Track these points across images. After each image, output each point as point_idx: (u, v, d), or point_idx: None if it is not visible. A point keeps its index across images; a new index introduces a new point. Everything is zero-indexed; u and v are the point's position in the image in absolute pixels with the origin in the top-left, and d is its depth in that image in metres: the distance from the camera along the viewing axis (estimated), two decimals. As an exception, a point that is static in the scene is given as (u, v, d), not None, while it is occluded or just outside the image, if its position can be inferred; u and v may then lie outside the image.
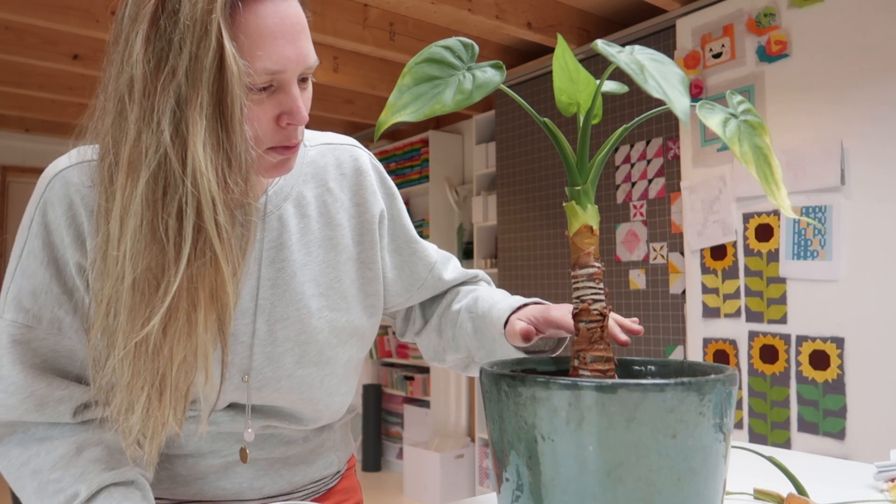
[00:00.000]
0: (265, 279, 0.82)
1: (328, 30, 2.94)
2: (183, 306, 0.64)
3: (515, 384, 0.53)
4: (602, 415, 0.49)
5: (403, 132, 4.88)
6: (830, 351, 2.14)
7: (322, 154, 0.89)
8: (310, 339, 0.83)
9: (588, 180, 0.60)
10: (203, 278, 0.65)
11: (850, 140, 2.13)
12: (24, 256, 0.75)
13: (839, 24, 2.17)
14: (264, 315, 0.81)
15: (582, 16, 3.16)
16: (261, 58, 0.66)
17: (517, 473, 0.54)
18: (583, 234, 0.60)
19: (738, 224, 2.40)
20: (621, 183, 2.92)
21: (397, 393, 4.54)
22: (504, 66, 0.56)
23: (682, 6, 2.69)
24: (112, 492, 0.71)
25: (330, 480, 0.97)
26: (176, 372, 0.66)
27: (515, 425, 0.53)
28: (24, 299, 0.74)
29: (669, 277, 2.73)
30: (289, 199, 0.84)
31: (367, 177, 0.90)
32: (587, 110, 0.59)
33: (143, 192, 0.63)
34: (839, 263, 2.13)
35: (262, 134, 0.69)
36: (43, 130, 4.72)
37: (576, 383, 0.49)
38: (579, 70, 0.57)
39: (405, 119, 0.54)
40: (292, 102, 0.69)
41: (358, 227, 0.89)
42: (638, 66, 0.50)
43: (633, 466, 0.49)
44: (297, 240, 0.84)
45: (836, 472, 1.03)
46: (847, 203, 2.12)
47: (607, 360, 0.59)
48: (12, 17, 2.65)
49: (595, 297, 0.59)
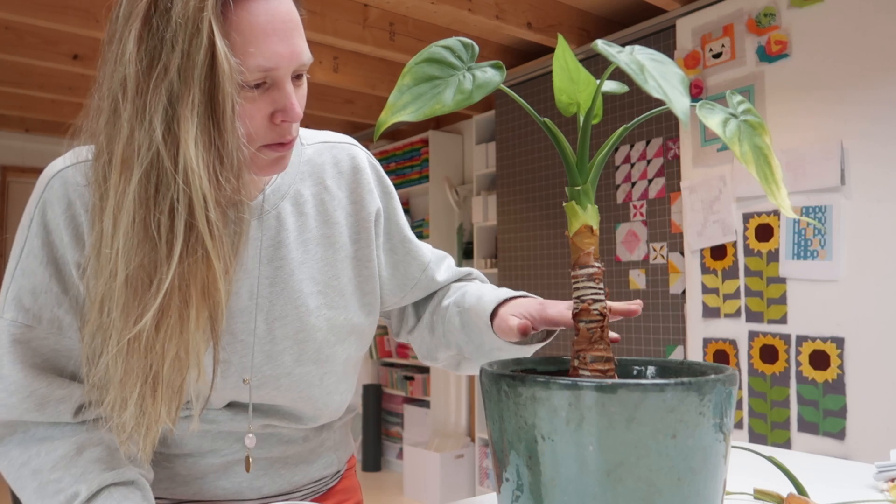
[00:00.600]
0: (263, 277, 0.82)
1: (328, 30, 2.93)
2: (175, 303, 0.65)
3: (515, 384, 0.53)
4: (602, 415, 0.49)
5: (403, 132, 4.88)
6: (830, 351, 2.14)
7: (319, 152, 0.89)
8: (308, 338, 0.83)
9: (588, 180, 0.60)
10: (195, 275, 0.65)
11: (850, 140, 2.13)
12: (24, 256, 0.75)
13: (839, 24, 2.17)
14: (263, 313, 0.81)
15: (582, 16, 3.16)
16: (253, 55, 0.66)
17: (517, 473, 0.54)
18: (583, 234, 0.60)
19: (738, 224, 2.40)
20: (621, 183, 2.92)
21: (397, 393, 4.54)
22: (504, 66, 0.56)
23: (682, 6, 2.70)
24: (112, 492, 0.71)
25: (330, 480, 0.97)
26: (168, 368, 0.66)
27: (515, 425, 0.53)
28: (24, 298, 0.74)
29: (669, 277, 2.73)
30: (286, 198, 0.84)
31: (365, 175, 0.90)
32: (587, 110, 0.59)
33: (135, 190, 0.63)
34: (839, 263, 2.13)
35: (256, 131, 0.70)
36: (43, 130, 4.72)
37: (576, 383, 0.49)
38: (579, 70, 0.57)
39: (405, 119, 0.54)
40: (286, 99, 0.69)
41: (355, 224, 0.89)
42: (638, 66, 0.50)
43: (633, 466, 0.49)
44: (294, 238, 0.84)
45: (836, 472, 1.03)
46: (847, 203, 2.12)
47: (607, 360, 0.59)
48: (12, 17, 2.65)
49: (595, 297, 0.59)
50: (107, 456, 0.74)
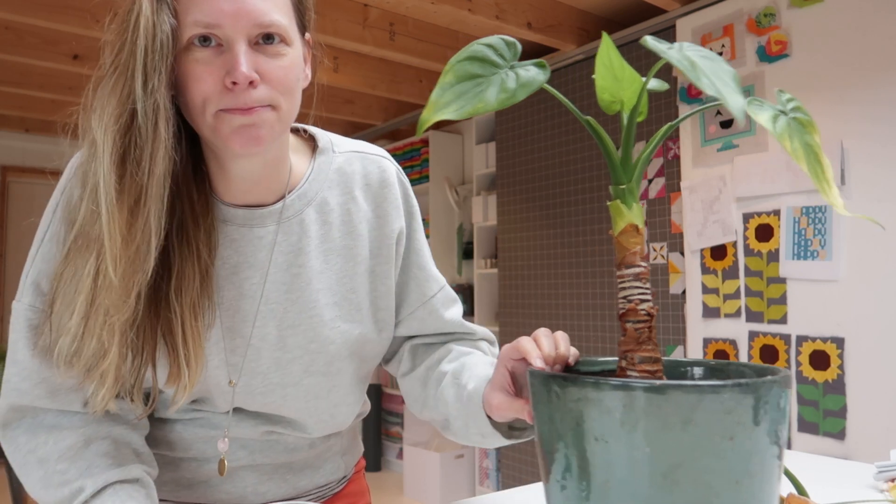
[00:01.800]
0: (280, 283, 0.80)
1: (328, 30, 2.94)
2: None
3: (567, 385, 0.52)
4: (658, 416, 0.48)
5: (404, 132, 4.88)
6: (830, 351, 2.14)
7: (350, 161, 0.87)
8: (320, 349, 0.82)
9: (633, 179, 0.58)
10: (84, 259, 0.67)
11: (850, 140, 2.13)
12: (46, 240, 0.75)
13: (839, 24, 2.17)
14: (276, 320, 0.80)
15: (582, 16, 3.16)
16: (192, 10, 0.66)
17: (569, 476, 0.53)
18: (628, 233, 0.58)
19: (738, 224, 2.40)
20: (621, 183, 2.92)
21: (397, 393, 4.54)
22: (547, 65, 0.55)
23: (682, 6, 2.70)
24: (117, 489, 0.71)
25: (336, 485, 0.96)
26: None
27: (566, 427, 0.52)
28: (42, 283, 0.74)
29: (669, 277, 2.73)
30: (312, 204, 0.83)
31: (393, 190, 0.89)
32: (632, 108, 0.58)
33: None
34: (839, 263, 2.13)
35: (208, 95, 0.68)
36: (43, 130, 4.72)
37: (631, 384, 0.49)
38: (624, 68, 0.55)
39: (448, 117, 0.53)
40: (233, 59, 0.67)
41: (377, 239, 0.87)
42: (690, 64, 0.49)
43: (689, 469, 0.48)
44: (316, 246, 0.82)
45: (836, 472, 1.03)
46: (847, 203, 2.12)
47: (655, 360, 0.58)
48: (12, 17, 2.65)
49: (642, 297, 0.58)
50: (113, 450, 0.74)
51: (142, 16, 0.64)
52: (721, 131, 2.48)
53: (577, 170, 3.14)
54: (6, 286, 4.80)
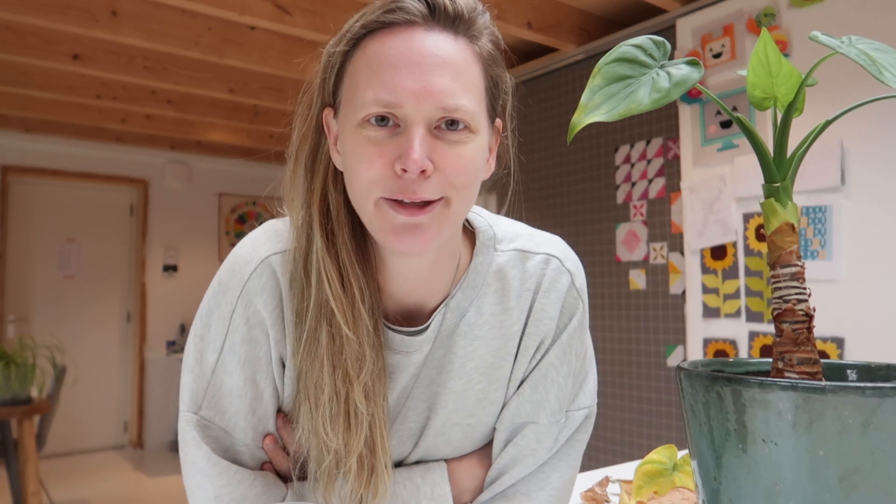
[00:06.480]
0: (420, 400, 0.76)
1: (328, 30, 2.93)
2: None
3: (732, 385, 0.50)
4: (835, 419, 0.46)
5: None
6: (830, 351, 2.14)
7: (512, 264, 0.77)
8: (438, 453, 0.79)
9: (787, 176, 0.57)
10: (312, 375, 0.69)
11: (850, 140, 2.13)
12: (225, 352, 0.70)
13: (839, 24, 2.17)
14: (413, 438, 0.77)
15: (582, 16, 3.16)
16: (374, 85, 0.62)
17: (729, 478, 0.51)
18: (783, 231, 0.57)
19: (738, 224, 2.40)
20: (621, 183, 2.92)
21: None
22: (700, 62, 0.53)
23: (683, 6, 2.69)
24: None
25: None
26: None
27: (728, 428, 0.51)
28: (221, 400, 0.71)
29: (669, 277, 2.73)
30: (465, 316, 0.74)
31: (549, 296, 0.76)
32: (788, 104, 0.56)
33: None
34: (839, 263, 2.13)
35: (374, 178, 0.62)
36: (43, 130, 4.71)
37: (804, 385, 0.47)
38: (781, 63, 0.54)
39: (599, 119, 0.51)
40: (407, 143, 0.61)
41: (521, 344, 0.77)
42: (868, 58, 0.47)
43: (868, 473, 0.46)
44: (458, 367, 0.75)
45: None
46: (847, 203, 2.12)
47: (814, 362, 0.56)
48: (12, 17, 2.65)
49: (799, 297, 0.56)
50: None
51: (325, 86, 0.70)
52: (721, 131, 2.48)
53: (577, 170, 3.14)
54: (6, 286, 4.80)
